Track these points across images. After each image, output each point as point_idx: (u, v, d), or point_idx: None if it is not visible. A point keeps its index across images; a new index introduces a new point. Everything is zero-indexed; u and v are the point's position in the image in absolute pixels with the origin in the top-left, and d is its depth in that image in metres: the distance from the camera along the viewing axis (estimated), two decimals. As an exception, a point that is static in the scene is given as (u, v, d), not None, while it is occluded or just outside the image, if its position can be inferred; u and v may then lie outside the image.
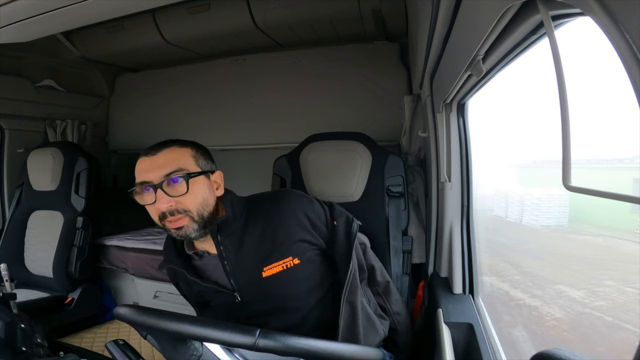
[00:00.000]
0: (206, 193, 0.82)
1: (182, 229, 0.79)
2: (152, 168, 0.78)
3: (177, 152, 0.81)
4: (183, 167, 0.79)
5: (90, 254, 1.87)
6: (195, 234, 0.80)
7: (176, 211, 0.78)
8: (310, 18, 1.63)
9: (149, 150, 0.81)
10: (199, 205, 0.80)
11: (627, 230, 1.41)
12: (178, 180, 0.77)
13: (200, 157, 0.84)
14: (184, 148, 0.83)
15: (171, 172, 0.77)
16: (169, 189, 0.77)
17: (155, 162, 0.79)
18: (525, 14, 0.50)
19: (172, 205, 0.77)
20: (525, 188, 2.07)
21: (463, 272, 1.12)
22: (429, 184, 1.35)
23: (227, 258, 0.84)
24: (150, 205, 0.79)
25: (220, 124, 2.19)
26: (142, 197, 0.80)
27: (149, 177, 0.78)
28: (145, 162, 0.80)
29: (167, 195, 0.76)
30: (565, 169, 0.39)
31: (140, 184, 0.78)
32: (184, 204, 0.78)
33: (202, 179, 0.82)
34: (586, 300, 1.54)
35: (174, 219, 0.78)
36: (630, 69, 0.29)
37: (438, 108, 1.14)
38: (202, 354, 0.65)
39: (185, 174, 0.78)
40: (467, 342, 0.93)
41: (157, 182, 0.77)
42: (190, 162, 0.81)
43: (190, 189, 0.77)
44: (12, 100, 1.92)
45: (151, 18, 1.75)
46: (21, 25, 1.10)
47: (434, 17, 0.72)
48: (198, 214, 0.80)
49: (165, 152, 0.80)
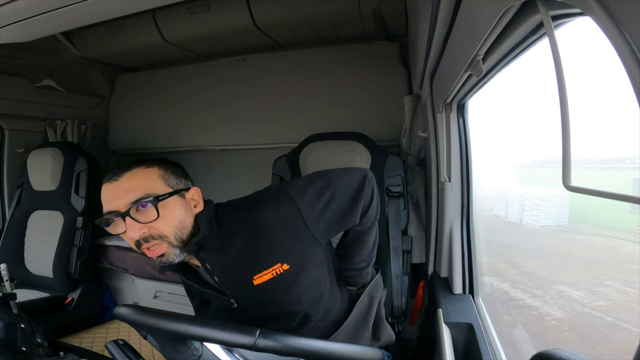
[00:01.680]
0: (182, 214, 0.76)
1: (163, 256, 0.75)
2: (117, 195, 0.73)
3: (141, 174, 0.75)
4: (150, 192, 0.73)
5: (90, 254, 1.87)
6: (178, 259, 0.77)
7: (151, 237, 0.73)
8: (310, 18, 1.63)
9: (111, 176, 0.75)
10: (175, 229, 0.75)
11: (627, 230, 1.41)
12: (147, 205, 0.72)
13: (171, 176, 0.78)
14: (150, 168, 0.77)
15: (138, 199, 0.71)
16: (139, 215, 0.72)
17: (119, 188, 0.73)
18: (525, 14, 0.50)
19: (145, 231, 0.72)
20: (525, 188, 2.07)
21: (463, 272, 1.12)
22: (429, 184, 1.35)
23: (214, 272, 0.82)
24: (124, 234, 0.74)
25: (220, 123, 2.19)
26: (113, 226, 0.74)
27: (114, 205, 0.72)
28: (108, 189, 0.74)
29: (137, 222, 0.71)
30: (565, 169, 0.39)
31: (107, 213, 0.73)
32: (158, 229, 0.73)
33: (174, 199, 0.76)
34: (586, 300, 1.54)
35: (151, 246, 0.73)
36: (630, 69, 0.29)
37: (438, 108, 1.14)
38: (202, 354, 0.65)
39: (153, 198, 0.72)
40: (467, 342, 0.93)
41: (123, 211, 0.71)
42: (158, 183, 0.75)
43: (161, 213, 0.72)
44: (12, 100, 1.92)
45: (151, 18, 1.75)
46: (21, 25, 1.10)
47: (434, 17, 0.72)
48: (176, 238, 0.75)
49: (129, 176, 0.74)
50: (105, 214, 0.73)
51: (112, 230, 0.74)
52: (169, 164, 0.81)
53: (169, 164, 0.81)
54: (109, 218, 0.73)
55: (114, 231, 0.74)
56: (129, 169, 0.76)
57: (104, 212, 0.74)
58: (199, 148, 2.34)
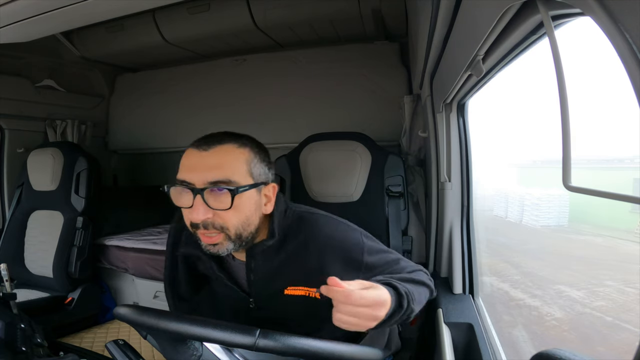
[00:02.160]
0: (251, 211, 0.70)
1: (216, 245, 0.69)
2: (199, 168, 0.67)
3: (231, 154, 0.69)
4: (232, 178, 0.67)
5: (90, 254, 1.87)
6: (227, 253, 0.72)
7: (212, 225, 0.67)
8: (310, 18, 1.64)
9: (201, 143, 0.69)
10: (239, 224, 0.69)
11: (627, 230, 1.41)
12: (224, 191, 0.66)
13: (257, 165, 0.71)
14: (241, 149, 0.70)
15: (217, 181, 0.66)
16: (211, 197, 0.66)
17: (204, 161, 0.67)
18: (525, 14, 0.50)
19: (209, 217, 0.67)
20: (525, 188, 2.07)
21: (463, 272, 1.12)
22: (429, 184, 1.35)
23: (254, 271, 0.78)
24: (185, 209, 0.69)
25: (220, 124, 2.17)
26: (178, 196, 0.69)
27: (191, 177, 0.67)
28: (193, 157, 0.68)
29: (206, 204, 0.66)
30: (565, 169, 0.39)
31: (181, 182, 0.68)
32: (223, 219, 0.67)
33: (250, 193, 0.69)
34: (586, 300, 1.54)
35: (207, 233, 0.68)
36: (630, 69, 0.29)
37: (438, 108, 1.14)
38: (202, 354, 0.65)
39: (234, 188, 0.66)
40: (467, 342, 0.93)
41: (198, 187, 0.66)
42: (243, 170, 0.69)
43: (234, 204, 0.66)
44: (12, 100, 1.92)
45: (151, 18, 1.75)
46: (21, 25, 1.10)
47: (434, 17, 0.72)
48: (236, 234, 0.69)
49: (218, 150, 0.68)
50: (179, 181, 0.68)
51: (176, 198, 0.69)
52: (260, 148, 0.74)
53: (259, 148, 0.74)
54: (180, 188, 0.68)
55: (177, 200, 0.69)
56: (221, 142, 0.69)
57: (178, 179, 0.68)
58: (199, 148, 2.34)
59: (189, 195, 0.67)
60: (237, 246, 0.71)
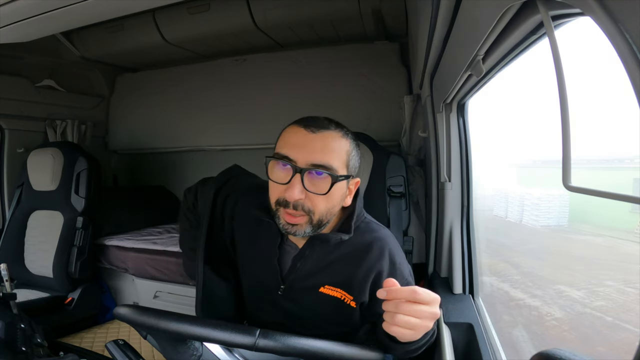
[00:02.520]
0: (337, 200, 0.71)
1: (295, 226, 0.69)
2: (304, 148, 0.66)
3: (337, 142, 0.69)
4: (333, 165, 0.67)
5: (90, 254, 1.87)
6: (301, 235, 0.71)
7: (301, 207, 0.67)
8: (310, 18, 1.64)
9: (308, 123, 0.68)
10: (325, 211, 0.69)
11: (627, 230, 1.41)
12: (322, 176, 0.66)
13: (353, 158, 0.72)
14: (345, 140, 0.70)
15: (320, 165, 0.66)
16: (309, 180, 0.66)
17: (311, 142, 0.67)
18: (525, 14, 0.50)
19: (302, 198, 0.66)
20: (525, 188, 2.07)
21: (463, 272, 1.12)
22: (429, 184, 1.35)
23: (305, 258, 0.77)
24: (276, 185, 0.68)
25: (220, 124, 2.19)
26: (275, 170, 0.68)
27: (295, 155, 0.66)
28: (300, 135, 0.68)
29: (302, 185, 0.66)
30: (565, 169, 0.39)
31: (282, 157, 0.67)
32: (313, 203, 0.68)
33: (343, 184, 0.70)
34: (586, 300, 1.53)
35: (293, 213, 0.68)
36: (630, 69, 0.29)
37: (438, 108, 1.14)
38: (202, 354, 0.65)
39: (335, 175, 0.66)
40: (467, 342, 0.93)
41: (301, 166, 0.65)
42: (343, 160, 0.69)
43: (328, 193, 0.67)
44: (12, 100, 1.92)
45: (151, 18, 1.75)
46: (21, 25, 1.10)
47: (434, 17, 0.72)
48: (318, 220, 0.70)
49: (326, 135, 0.68)
50: (281, 155, 0.67)
51: (272, 172, 0.69)
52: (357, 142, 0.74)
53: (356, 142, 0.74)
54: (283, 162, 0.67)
55: (272, 174, 0.69)
56: (328, 128, 0.69)
57: (281, 153, 0.67)
58: (199, 148, 2.34)
59: (288, 172, 0.66)
60: (312, 231, 0.71)
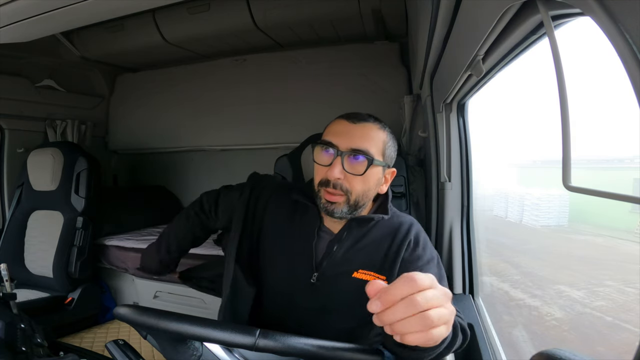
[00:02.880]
0: (373, 185, 0.80)
1: (333, 204, 0.78)
2: (345, 135, 0.76)
3: (374, 132, 0.78)
4: (370, 150, 0.76)
5: (90, 254, 1.87)
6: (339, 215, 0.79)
7: (340, 186, 0.76)
8: (310, 18, 1.64)
9: (350, 116, 0.80)
10: (360, 192, 0.78)
11: (627, 230, 1.41)
12: (360, 159, 0.75)
13: (389, 148, 0.81)
14: (382, 131, 0.80)
15: (358, 150, 0.75)
16: (348, 162, 0.76)
17: (352, 131, 0.77)
18: (525, 14, 0.50)
19: (341, 178, 0.76)
20: (525, 188, 2.07)
21: (463, 272, 1.12)
22: (429, 184, 1.35)
23: (341, 243, 0.82)
24: (321, 167, 0.78)
25: (220, 124, 2.19)
26: (320, 154, 0.79)
27: (338, 141, 0.76)
28: (342, 125, 0.79)
29: (342, 166, 0.75)
30: (565, 169, 0.39)
31: (327, 143, 0.77)
32: (351, 183, 0.77)
33: (378, 169, 0.79)
34: (586, 300, 1.53)
35: (333, 192, 0.77)
36: (630, 69, 0.29)
37: (438, 108, 1.14)
38: (202, 354, 0.65)
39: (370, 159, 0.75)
40: (467, 342, 0.93)
41: (342, 150, 0.75)
42: (379, 148, 0.78)
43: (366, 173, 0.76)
44: (12, 100, 1.92)
45: (151, 18, 1.75)
46: (21, 25, 1.10)
47: (434, 17, 0.72)
48: (355, 200, 0.78)
49: (365, 126, 0.78)
50: (326, 142, 0.77)
51: (317, 156, 0.79)
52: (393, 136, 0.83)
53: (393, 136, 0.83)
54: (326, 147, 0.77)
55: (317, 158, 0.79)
56: (367, 120, 0.79)
57: (326, 140, 0.77)
58: (199, 148, 2.34)
59: (330, 155, 0.76)
60: (349, 212, 0.79)
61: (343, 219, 0.81)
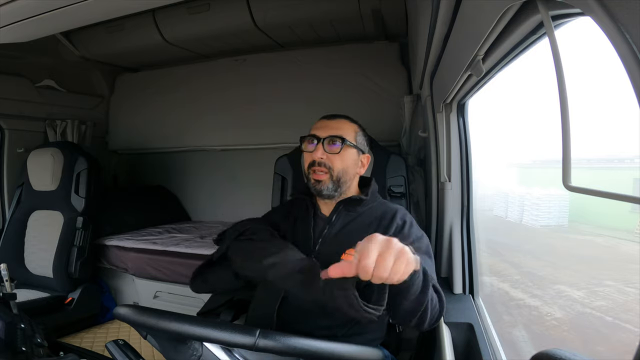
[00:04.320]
0: (350, 164, 0.96)
1: (320, 182, 0.93)
2: (324, 128, 0.96)
3: (346, 124, 0.98)
4: (344, 136, 0.94)
5: (90, 254, 1.87)
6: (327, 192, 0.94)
7: (323, 164, 0.93)
8: (310, 18, 1.64)
9: (327, 116, 1.00)
10: (340, 169, 0.94)
11: (627, 230, 1.41)
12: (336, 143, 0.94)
13: (360, 137, 0.99)
14: (353, 124, 1.00)
15: (334, 136, 0.94)
16: (327, 145, 0.94)
17: (328, 125, 0.97)
18: (525, 14, 0.50)
19: (323, 158, 0.93)
20: (526, 188, 2.06)
21: (463, 272, 1.12)
22: (429, 184, 1.35)
23: (332, 225, 0.95)
24: (308, 153, 0.96)
25: (220, 124, 2.19)
26: (306, 144, 0.97)
27: (319, 132, 0.95)
28: (321, 122, 0.99)
29: (323, 149, 0.93)
30: (565, 169, 0.39)
31: (311, 135, 0.96)
32: (331, 161, 0.93)
33: (353, 151, 0.96)
34: (586, 300, 1.53)
35: (318, 170, 0.93)
36: (630, 69, 0.29)
37: (438, 108, 1.14)
38: (202, 354, 0.65)
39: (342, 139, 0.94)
40: (467, 342, 0.93)
41: (321, 137, 0.94)
42: (352, 136, 0.96)
43: (341, 152, 0.93)
44: (12, 100, 1.93)
45: (151, 18, 1.75)
46: (21, 25, 1.10)
47: (434, 17, 0.72)
48: (336, 176, 0.94)
49: (338, 121, 0.99)
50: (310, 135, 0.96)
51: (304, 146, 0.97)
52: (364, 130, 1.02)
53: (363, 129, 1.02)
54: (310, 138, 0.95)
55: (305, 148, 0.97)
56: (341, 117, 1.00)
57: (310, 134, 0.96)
58: (200, 148, 2.34)
59: (313, 143, 0.95)
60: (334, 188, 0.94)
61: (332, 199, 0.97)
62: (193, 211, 2.60)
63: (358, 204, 0.96)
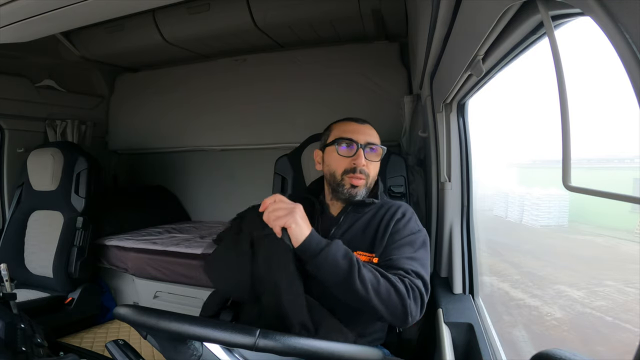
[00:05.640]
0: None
1: (356, 188, 0.93)
2: (360, 132, 0.95)
3: (374, 130, 0.99)
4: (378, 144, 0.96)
5: (90, 254, 1.87)
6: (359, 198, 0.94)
7: (364, 172, 0.94)
8: (310, 18, 1.64)
9: (354, 119, 0.99)
10: (374, 176, 0.97)
11: (627, 230, 1.41)
12: (377, 150, 0.96)
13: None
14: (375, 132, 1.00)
15: (374, 143, 0.95)
16: (368, 153, 0.94)
17: (362, 129, 0.96)
18: (525, 14, 0.50)
19: (365, 165, 0.93)
20: (526, 188, 2.06)
21: (463, 272, 1.12)
22: (429, 184, 1.35)
23: (340, 225, 0.95)
24: (342, 158, 0.94)
25: (220, 124, 2.19)
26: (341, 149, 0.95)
27: (356, 137, 0.94)
28: (352, 125, 0.97)
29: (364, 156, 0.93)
30: (565, 169, 0.39)
31: (347, 139, 0.94)
32: (369, 169, 0.95)
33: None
34: (586, 300, 1.53)
35: (359, 177, 0.93)
36: (630, 69, 0.29)
37: (438, 108, 1.14)
38: (202, 354, 0.65)
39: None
40: (467, 342, 0.93)
41: (362, 143, 0.93)
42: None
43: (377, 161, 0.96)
44: (12, 100, 1.92)
45: (151, 18, 1.75)
46: (21, 25, 1.10)
47: (434, 17, 0.72)
48: (370, 183, 0.96)
49: (367, 126, 0.99)
50: (345, 138, 0.94)
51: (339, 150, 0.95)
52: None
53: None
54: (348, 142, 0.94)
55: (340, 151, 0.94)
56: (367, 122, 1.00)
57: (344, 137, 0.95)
58: (199, 148, 2.34)
59: (352, 148, 0.94)
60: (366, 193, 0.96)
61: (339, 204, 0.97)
62: (193, 211, 2.60)
63: (367, 205, 0.97)
